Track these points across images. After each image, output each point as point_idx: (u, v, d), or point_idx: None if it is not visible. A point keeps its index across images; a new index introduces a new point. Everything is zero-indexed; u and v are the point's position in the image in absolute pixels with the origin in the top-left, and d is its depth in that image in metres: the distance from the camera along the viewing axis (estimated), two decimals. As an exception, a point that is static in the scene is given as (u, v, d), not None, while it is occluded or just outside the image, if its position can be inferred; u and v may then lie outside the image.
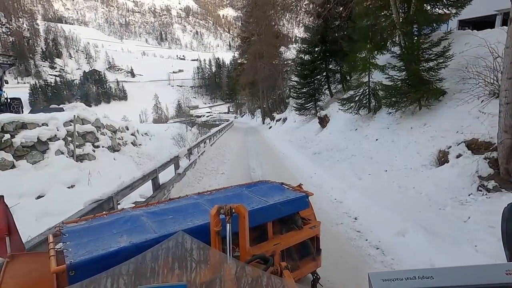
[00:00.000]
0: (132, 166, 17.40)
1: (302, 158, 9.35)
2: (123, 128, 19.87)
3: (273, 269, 1.30)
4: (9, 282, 1.44)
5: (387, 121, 7.91)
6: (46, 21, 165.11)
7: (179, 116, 46.45)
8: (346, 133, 9.49)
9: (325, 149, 9.19)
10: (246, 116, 54.97)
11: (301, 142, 11.85)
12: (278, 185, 2.94)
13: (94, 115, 16.81)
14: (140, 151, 19.89)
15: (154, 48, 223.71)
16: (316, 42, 13.92)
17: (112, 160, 16.11)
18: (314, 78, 14.59)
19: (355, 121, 9.77)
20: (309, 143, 11.20)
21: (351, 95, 9.73)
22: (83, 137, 14.77)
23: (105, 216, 2.23)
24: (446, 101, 6.50)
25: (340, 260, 3.33)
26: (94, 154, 14.99)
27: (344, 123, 10.23)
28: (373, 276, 0.56)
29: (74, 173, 12.13)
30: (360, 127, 9.12)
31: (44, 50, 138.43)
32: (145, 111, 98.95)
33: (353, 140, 8.71)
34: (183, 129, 37.34)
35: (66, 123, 13.50)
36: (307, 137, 12.19)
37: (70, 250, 1.59)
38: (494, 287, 0.53)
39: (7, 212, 1.60)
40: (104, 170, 14.71)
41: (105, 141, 16.49)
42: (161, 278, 1.02)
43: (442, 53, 6.48)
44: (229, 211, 1.38)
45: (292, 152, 10.59)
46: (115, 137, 18.23)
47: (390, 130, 7.33)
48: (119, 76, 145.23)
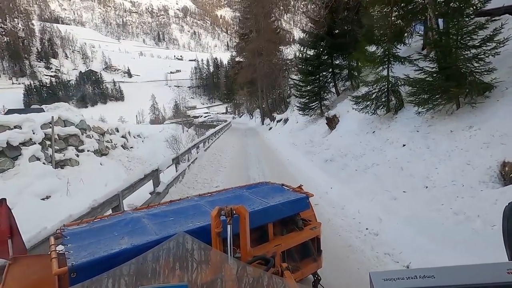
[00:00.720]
0: (121, 171, 16.03)
1: (312, 166, 8.01)
2: (112, 130, 18.47)
3: (274, 270, 1.29)
4: (11, 284, 1.46)
5: (414, 123, 6.60)
6: (42, 22, 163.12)
7: (176, 117, 45.08)
8: (361, 136, 8.17)
9: (338, 156, 7.86)
10: (245, 116, 53.71)
11: (307, 146, 10.52)
12: (279, 186, 2.92)
13: (79, 116, 15.43)
14: (131, 154, 18.50)
15: (152, 49, 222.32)
16: (322, 35, 12.58)
17: (98, 165, 14.72)
18: (319, 75, 13.26)
19: (371, 122, 8.45)
20: (317, 147, 9.88)
21: (366, 92, 8.40)
22: (65, 141, 13.39)
23: (106, 218, 2.23)
24: (496, 97, 5.19)
25: None
26: (77, 159, 13.61)
27: (358, 125, 8.91)
28: (374, 276, 0.55)
29: (51, 182, 10.69)
30: (379, 130, 7.80)
31: (39, 50, 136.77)
32: (142, 112, 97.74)
33: (372, 145, 7.39)
34: (179, 130, 36.05)
35: (45, 125, 12.11)
36: (313, 140, 10.86)
37: (71, 252, 1.58)
38: (495, 286, 0.52)
39: (9, 215, 1.64)
40: (89, 176, 13.34)
41: (91, 144, 15.10)
42: (162, 279, 1.01)
43: (490, 38, 5.16)
44: (230, 213, 1.38)
45: (298, 158, 9.24)
46: (103, 140, 16.85)
47: (421, 134, 6.01)
48: (116, 76, 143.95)
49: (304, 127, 14.20)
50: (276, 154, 10.80)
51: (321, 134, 10.96)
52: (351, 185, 5.71)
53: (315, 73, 13.23)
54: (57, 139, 12.66)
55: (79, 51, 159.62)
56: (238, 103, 58.29)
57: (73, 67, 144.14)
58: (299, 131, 13.92)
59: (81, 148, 14.16)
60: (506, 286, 0.52)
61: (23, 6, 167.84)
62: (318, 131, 11.52)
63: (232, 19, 38.75)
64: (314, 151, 9.38)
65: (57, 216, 3.15)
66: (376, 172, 5.84)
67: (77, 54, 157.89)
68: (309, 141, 11.07)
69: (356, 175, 6.17)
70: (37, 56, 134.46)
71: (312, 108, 13.73)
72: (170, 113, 79.04)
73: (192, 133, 35.88)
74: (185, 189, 6.26)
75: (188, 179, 7.12)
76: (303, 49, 14.73)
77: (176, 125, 39.16)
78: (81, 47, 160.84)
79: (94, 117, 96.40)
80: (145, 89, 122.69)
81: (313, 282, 2.44)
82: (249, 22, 26.16)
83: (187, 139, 20.86)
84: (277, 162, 9.20)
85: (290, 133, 14.98)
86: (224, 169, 8.57)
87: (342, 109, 10.69)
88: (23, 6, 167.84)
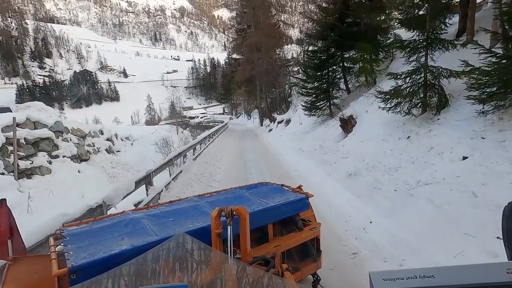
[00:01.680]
0: (102, 179, 14.19)
1: (330, 182, 6.21)
2: (95, 133, 16.58)
3: (274, 271, 1.30)
4: (11, 285, 1.46)
5: (472, 126, 4.89)
6: (37, 21, 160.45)
7: (172, 118, 43.29)
8: (391, 143, 6.44)
9: (363, 168, 6.12)
10: (242, 117, 52.02)
11: (318, 153, 8.76)
12: (278, 187, 2.90)
13: (55, 117, 13.58)
14: (116, 159, 16.63)
15: (148, 49, 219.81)
16: (332, 23, 10.81)
17: (75, 173, 12.87)
18: (328, 69, 11.52)
19: (402, 124, 6.73)
20: (331, 154, 8.13)
21: (394, 87, 6.66)
22: (34, 145, 11.53)
23: (105, 219, 2.20)
24: None
25: None
26: (49, 166, 11.75)
27: (383, 128, 7.19)
28: (374, 276, 0.55)
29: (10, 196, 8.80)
30: (415, 135, 6.08)
31: (33, 50, 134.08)
32: (138, 113, 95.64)
33: (409, 154, 5.67)
34: (174, 131, 34.16)
35: (8, 127, 10.30)
36: (324, 146, 9.12)
37: (71, 253, 1.58)
38: (495, 286, 0.52)
39: (9, 215, 1.63)
40: (62, 187, 11.51)
41: (67, 149, 13.24)
42: (162, 279, 1.01)
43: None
44: (230, 213, 1.37)
45: (309, 169, 7.46)
46: (84, 144, 15.00)
47: (492, 142, 4.29)
48: (111, 76, 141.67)
49: (310, 130, 12.45)
50: (281, 163, 9.02)
51: (334, 138, 9.22)
52: (400, 219, 3.91)
53: (323, 68, 11.47)
54: (24, 144, 10.85)
55: (74, 51, 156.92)
56: (235, 103, 56.60)
57: (67, 67, 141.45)
58: (305, 134, 12.16)
59: (55, 153, 12.33)
60: (505, 286, 0.51)
61: (17, 5, 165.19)
62: (329, 135, 9.78)
63: (229, 19, 36.95)
64: (328, 160, 7.62)
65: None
66: (431, 197, 4.08)
67: (72, 54, 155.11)
68: (319, 146, 9.32)
69: (401, 200, 4.40)
70: (31, 56, 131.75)
71: (319, 107, 11.98)
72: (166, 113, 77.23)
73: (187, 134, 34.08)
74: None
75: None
76: (310, 41, 12.97)
77: (170, 126, 37.29)
78: (76, 46, 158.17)
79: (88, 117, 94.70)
80: (141, 90, 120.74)
81: (313, 282, 2.35)
82: (247, 17, 24.32)
83: (180, 141, 19.06)
84: (283, 174, 7.18)
85: (294, 136, 13.22)
86: (217, 183, 6.74)
87: (358, 108, 8.97)
88: (17, 5, 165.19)
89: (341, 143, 8.47)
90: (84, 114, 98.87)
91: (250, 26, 25.09)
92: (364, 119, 8.40)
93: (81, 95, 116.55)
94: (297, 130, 14.27)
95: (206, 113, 71.52)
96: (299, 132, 13.27)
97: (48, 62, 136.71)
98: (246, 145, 14.85)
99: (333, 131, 9.61)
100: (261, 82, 24.04)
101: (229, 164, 9.32)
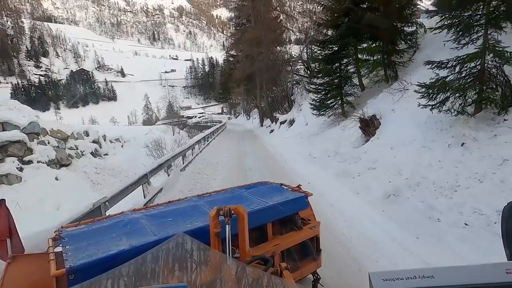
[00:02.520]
0: (84, 187, 12.63)
1: (361, 206, 4.45)
2: (79, 134, 14.98)
3: (273, 270, 1.28)
4: (10, 283, 1.48)
5: None
6: (34, 20, 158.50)
7: (170, 117, 41.90)
8: (437, 151, 4.92)
9: (403, 184, 4.60)
10: (241, 116, 50.59)
11: (333, 161, 7.22)
12: (277, 186, 2.86)
13: (30, 117, 12.02)
14: (102, 164, 15.02)
15: (147, 48, 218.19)
16: (348, 7, 9.21)
17: (52, 180, 11.28)
18: (340, 62, 9.98)
19: (448, 127, 5.21)
20: (351, 163, 6.61)
21: (435, 79, 5.13)
22: (2, 150, 10.01)
23: (104, 219, 2.20)
24: None
25: None
26: (19, 174, 10.18)
27: (421, 131, 5.67)
28: (373, 276, 0.55)
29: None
30: (472, 140, 4.57)
31: (29, 49, 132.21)
32: (135, 112, 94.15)
33: (467, 167, 4.18)
34: (170, 132, 32.59)
35: (-34, 129, 8.75)
36: (341, 152, 7.59)
37: (69, 254, 1.58)
38: (494, 286, 0.52)
39: (8, 215, 1.67)
40: (33, 198, 9.98)
41: (44, 153, 11.66)
42: (161, 279, 1.01)
43: None
44: (228, 213, 1.36)
45: (327, 184, 5.83)
46: (65, 147, 13.44)
47: None
48: (108, 76, 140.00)
49: (319, 131, 10.92)
50: (288, 173, 7.40)
51: (352, 142, 7.69)
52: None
53: (335, 60, 9.93)
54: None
55: (71, 50, 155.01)
56: (234, 103, 55.17)
57: (64, 66, 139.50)
58: (313, 137, 10.62)
59: (28, 158, 10.77)
60: (505, 286, 0.51)
61: (14, 3, 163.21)
62: (345, 138, 8.25)
63: (228, 19, 35.47)
64: (350, 171, 6.08)
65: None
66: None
67: (69, 53, 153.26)
68: (333, 152, 7.80)
69: (487, 244, 2.87)
70: (27, 55, 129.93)
71: (330, 106, 10.43)
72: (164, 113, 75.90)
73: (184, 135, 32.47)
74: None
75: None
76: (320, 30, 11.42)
77: (166, 127, 35.69)
78: (73, 46, 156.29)
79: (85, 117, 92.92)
80: (139, 89, 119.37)
81: (313, 281, 2.13)
82: (246, 10, 22.69)
83: (174, 143, 17.51)
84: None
85: (301, 138, 11.68)
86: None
87: (382, 107, 7.44)
88: (14, 3, 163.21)
89: (363, 149, 6.95)
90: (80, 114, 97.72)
91: (249, 20, 23.49)
92: (390, 119, 6.88)
93: (77, 95, 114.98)
94: (303, 131, 12.73)
95: (204, 113, 70.31)
96: (306, 134, 11.72)
97: (44, 61, 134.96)
98: (246, 149, 13.27)
99: (349, 133, 8.06)
100: (261, 79, 22.38)
101: (226, 174, 7.72)
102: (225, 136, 21.50)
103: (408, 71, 8.43)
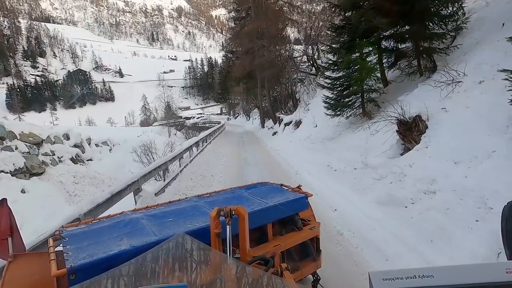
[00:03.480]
0: (58, 200, 10.82)
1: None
2: (57, 138, 13.14)
3: (273, 270, 1.28)
4: (11, 282, 1.46)
5: None
6: (32, 20, 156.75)
7: (167, 118, 40.24)
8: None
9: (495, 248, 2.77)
10: (241, 117, 48.93)
11: (364, 176, 5.45)
12: (278, 187, 2.83)
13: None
14: (83, 171, 13.19)
15: (145, 49, 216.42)
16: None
17: (16, 194, 9.49)
18: (361, 52, 8.22)
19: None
20: (393, 181, 4.84)
21: None
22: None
23: (104, 219, 2.18)
24: None
25: None
26: (-26, 187, 8.47)
27: (505, 140, 3.90)
28: (373, 276, 0.54)
29: None
30: None
31: (26, 49, 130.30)
32: (133, 113, 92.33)
33: None
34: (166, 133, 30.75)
35: None
36: (371, 163, 5.83)
37: (70, 254, 1.56)
38: (494, 286, 0.52)
39: (9, 214, 1.64)
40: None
41: (9, 160, 9.89)
42: (161, 279, 1.00)
43: None
44: (229, 213, 1.34)
45: (364, 215, 4.11)
46: (38, 153, 11.67)
47: None
48: (106, 76, 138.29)
49: (335, 135, 9.14)
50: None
51: (386, 151, 5.91)
52: None
53: (355, 48, 8.15)
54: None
55: (69, 50, 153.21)
56: (233, 103, 53.44)
57: (61, 66, 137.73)
58: (328, 142, 8.84)
59: (-13, 168, 9.03)
60: (505, 286, 0.51)
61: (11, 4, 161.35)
62: (374, 145, 6.47)
63: (227, 19, 33.70)
64: (397, 197, 4.28)
65: None
66: None
67: (66, 54, 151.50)
68: (361, 163, 6.03)
69: None
70: (23, 55, 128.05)
71: (348, 104, 8.65)
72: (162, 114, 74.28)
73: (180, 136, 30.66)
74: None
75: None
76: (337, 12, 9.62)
77: (162, 128, 33.90)
78: (70, 46, 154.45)
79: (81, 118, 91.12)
80: (137, 90, 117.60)
81: (313, 282, 2.27)
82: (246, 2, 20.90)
83: (166, 147, 15.72)
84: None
85: (311, 143, 9.90)
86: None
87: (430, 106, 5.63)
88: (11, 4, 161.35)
89: (404, 161, 5.17)
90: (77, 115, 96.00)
91: (249, 14, 21.71)
92: (443, 121, 5.11)
93: (75, 95, 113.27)
94: (313, 134, 10.95)
95: (203, 114, 68.69)
96: (317, 138, 9.94)
97: (41, 61, 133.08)
98: (246, 155, 11.44)
99: (380, 139, 6.27)
100: (262, 76, 20.51)
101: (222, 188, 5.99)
102: (223, 139, 19.71)
103: (453, 60, 6.68)
